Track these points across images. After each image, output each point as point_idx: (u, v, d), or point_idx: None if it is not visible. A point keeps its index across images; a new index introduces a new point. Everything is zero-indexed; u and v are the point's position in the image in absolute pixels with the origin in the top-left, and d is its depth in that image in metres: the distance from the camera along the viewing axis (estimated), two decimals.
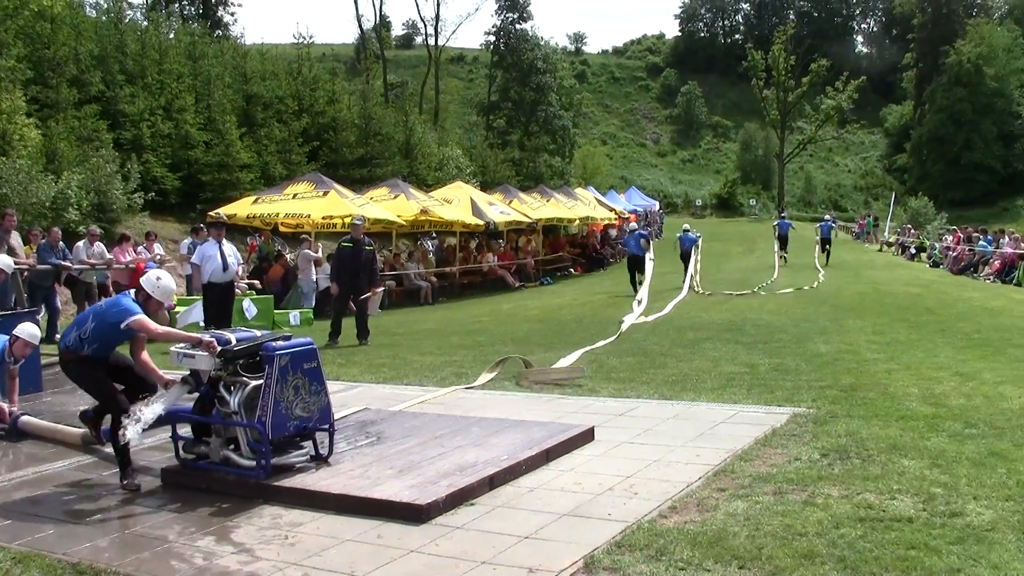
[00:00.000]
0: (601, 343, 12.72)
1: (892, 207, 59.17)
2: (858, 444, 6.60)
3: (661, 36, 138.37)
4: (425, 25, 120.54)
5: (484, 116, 76.20)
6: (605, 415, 8.08)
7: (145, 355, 6.92)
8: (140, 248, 19.54)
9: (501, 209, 31.30)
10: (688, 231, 29.38)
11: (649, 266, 22.27)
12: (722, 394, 8.85)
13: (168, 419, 6.62)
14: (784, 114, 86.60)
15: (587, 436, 7.19)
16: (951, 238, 35.68)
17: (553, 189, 41.85)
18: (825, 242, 36.75)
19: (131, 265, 18.04)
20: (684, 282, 23.05)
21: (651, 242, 26.38)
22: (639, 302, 17.75)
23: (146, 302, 6.76)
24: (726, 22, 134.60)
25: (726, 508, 5.30)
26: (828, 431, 7.03)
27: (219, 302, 14.37)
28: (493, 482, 6.02)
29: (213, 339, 6.41)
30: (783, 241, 35.91)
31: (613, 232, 44.39)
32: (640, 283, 21.77)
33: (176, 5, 55.71)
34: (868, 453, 6.34)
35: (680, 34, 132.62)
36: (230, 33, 58.28)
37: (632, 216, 50.61)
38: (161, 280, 6.89)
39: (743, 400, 8.52)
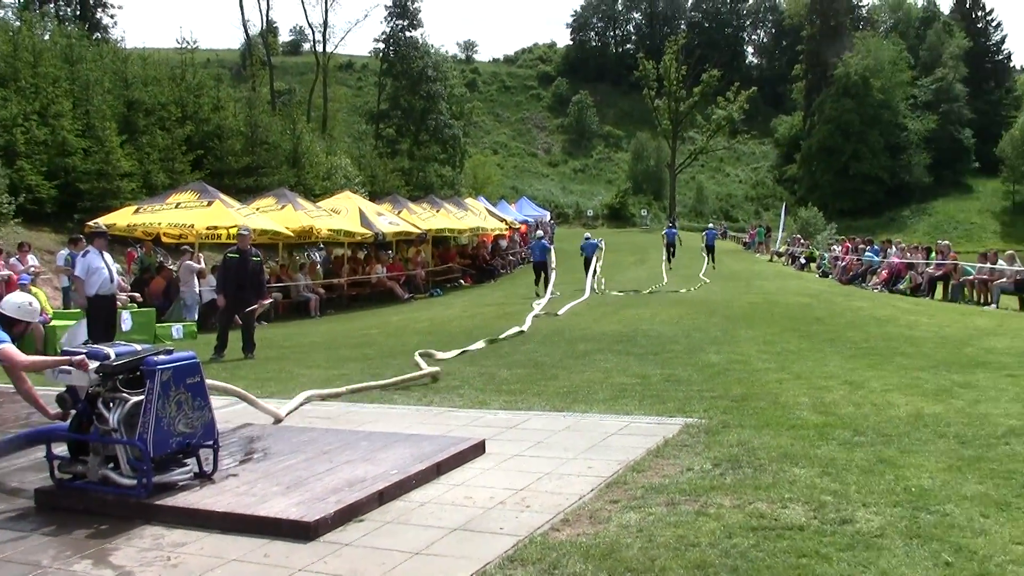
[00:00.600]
0: (508, 332, 12.79)
1: (783, 217, 60.51)
2: (750, 453, 6.70)
3: (552, 45, 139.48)
4: (313, 31, 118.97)
5: (373, 125, 75.84)
6: (496, 428, 8.09)
7: (27, 384, 6.68)
8: (12, 259, 18.98)
9: (390, 219, 31.26)
10: (589, 238, 33.58)
11: (552, 274, 26.39)
12: (614, 405, 8.91)
13: (43, 438, 6.43)
14: (676, 124, 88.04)
15: (478, 449, 7.19)
16: (840, 248, 36.77)
17: (443, 199, 41.93)
18: (710, 249, 42.51)
19: (2, 277, 17.49)
20: (586, 284, 26.40)
21: (552, 252, 29.28)
22: (539, 301, 19.94)
23: (11, 328, 6.52)
24: (618, 31, 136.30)
25: (619, 520, 5.33)
26: (720, 441, 7.12)
27: (106, 316, 14.10)
28: (383, 497, 5.96)
29: (84, 358, 6.21)
30: (671, 248, 42.30)
31: (503, 243, 44.60)
32: (545, 284, 26.06)
33: (51, 5, 54.13)
34: (760, 462, 6.44)
35: (572, 43, 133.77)
36: (109, 36, 56.69)
37: (523, 227, 51.01)
38: (30, 304, 6.65)
39: (635, 411, 8.59)
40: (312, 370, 12.33)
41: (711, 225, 60.12)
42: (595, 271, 28.92)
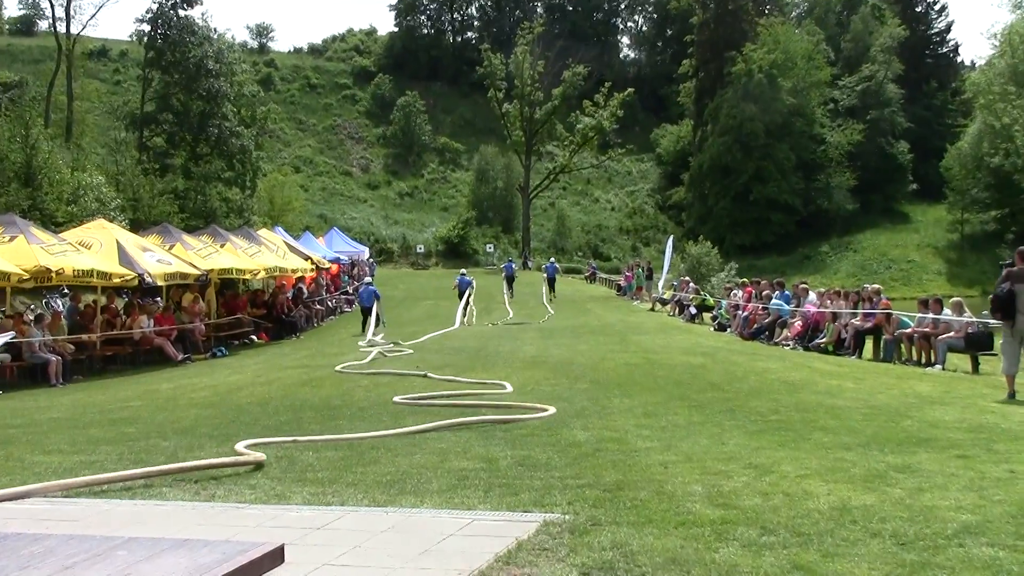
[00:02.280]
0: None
1: (667, 255, 59.20)
2: (627, 559, 6.68)
3: (372, 32, 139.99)
4: (53, 5, 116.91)
5: (136, 132, 74.67)
6: (299, 529, 7.96)
7: None
8: None
9: (159, 257, 30.74)
10: (464, 274, 48.37)
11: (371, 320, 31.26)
12: (452, 497, 8.88)
13: None
14: (530, 136, 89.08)
15: (275, 557, 7.06)
16: (741, 294, 36.47)
17: (229, 231, 41.44)
18: (551, 282, 54.11)
19: None
20: (456, 317, 33.82)
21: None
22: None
23: None
24: (455, 15, 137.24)
25: None
26: (589, 543, 7.09)
27: None
28: None
29: None
30: (510, 282, 54.68)
31: (305, 288, 44.35)
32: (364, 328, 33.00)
33: None
34: (641, 570, 6.42)
35: (397, 30, 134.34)
36: None
37: (334, 267, 50.82)
38: None
39: (479, 505, 8.56)
40: (51, 456, 11.94)
41: (552, 259, 66.68)
42: (468, 304, 39.32)
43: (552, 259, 70.37)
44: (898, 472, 9.45)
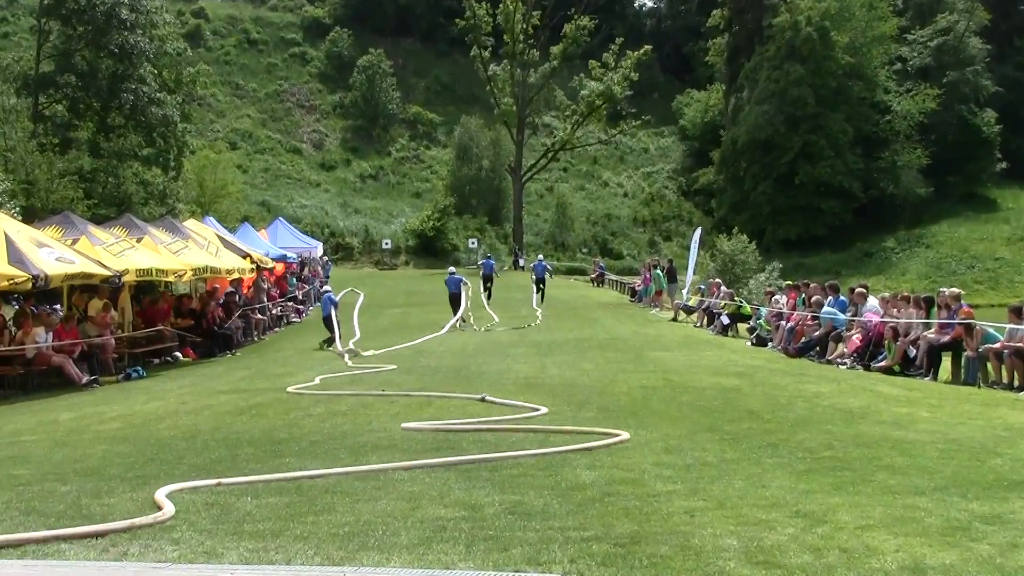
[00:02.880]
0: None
1: (694, 251, 58.50)
2: None
3: None
4: None
5: (30, 98, 74.34)
6: None
7: None
8: None
9: (59, 254, 30.49)
10: (454, 273, 50.60)
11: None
12: (425, 554, 8.82)
13: None
14: (523, 104, 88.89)
15: None
16: (785, 300, 36.21)
17: (148, 221, 41.44)
18: (540, 282, 56.35)
19: None
20: (451, 319, 39.17)
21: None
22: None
23: None
24: None
25: None
26: None
27: None
28: None
29: None
30: (487, 281, 57.29)
31: (243, 293, 44.26)
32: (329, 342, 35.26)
33: None
34: None
35: None
36: None
37: (279, 267, 50.88)
38: None
39: (459, 563, 8.50)
40: None
41: (540, 257, 68.09)
42: (465, 307, 45.41)
43: (541, 256, 70.85)
44: (985, 523, 9.31)
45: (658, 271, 57.54)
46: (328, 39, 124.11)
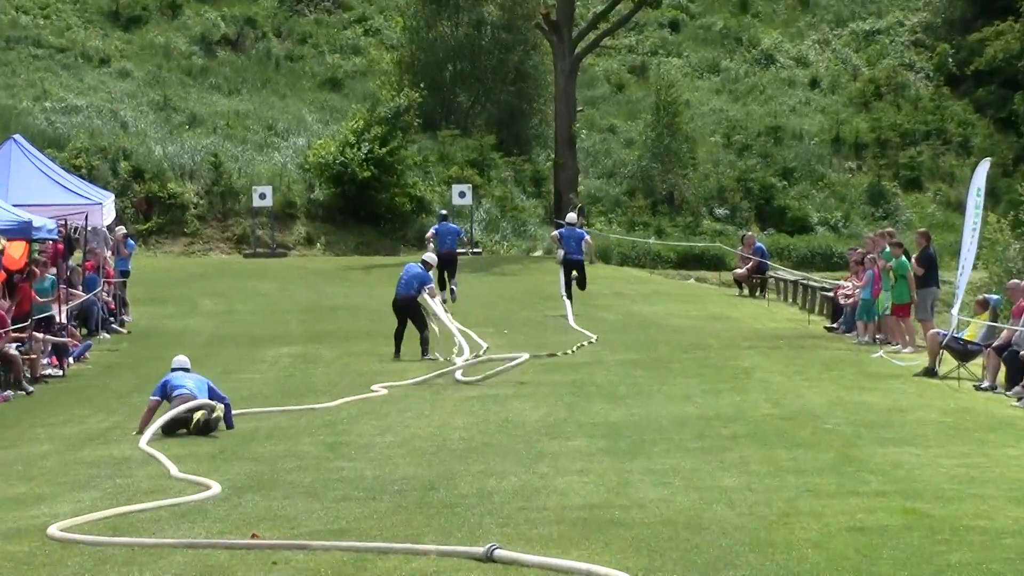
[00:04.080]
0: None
1: (975, 217, 29.76)
2: None
3: None
4: None
5: None
6: None
7: None
8: None
9: None
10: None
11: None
12: None
13: None
14: None
15: None
16: None
17: None
18: (572, 267, 35.46)
19: None
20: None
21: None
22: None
23: None
24: None
25: None
26: None
27: None
28: None
29: None
30: (450, 268, 37.39)
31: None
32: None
33: None
34: None
35: None
36: None
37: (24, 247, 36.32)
38: None
39: None
40: None
41: (572, 215, 40.76)
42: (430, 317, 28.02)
43: (573, 214, 42.08)
44: None
45: (902, 258, 30.51)
46: None
